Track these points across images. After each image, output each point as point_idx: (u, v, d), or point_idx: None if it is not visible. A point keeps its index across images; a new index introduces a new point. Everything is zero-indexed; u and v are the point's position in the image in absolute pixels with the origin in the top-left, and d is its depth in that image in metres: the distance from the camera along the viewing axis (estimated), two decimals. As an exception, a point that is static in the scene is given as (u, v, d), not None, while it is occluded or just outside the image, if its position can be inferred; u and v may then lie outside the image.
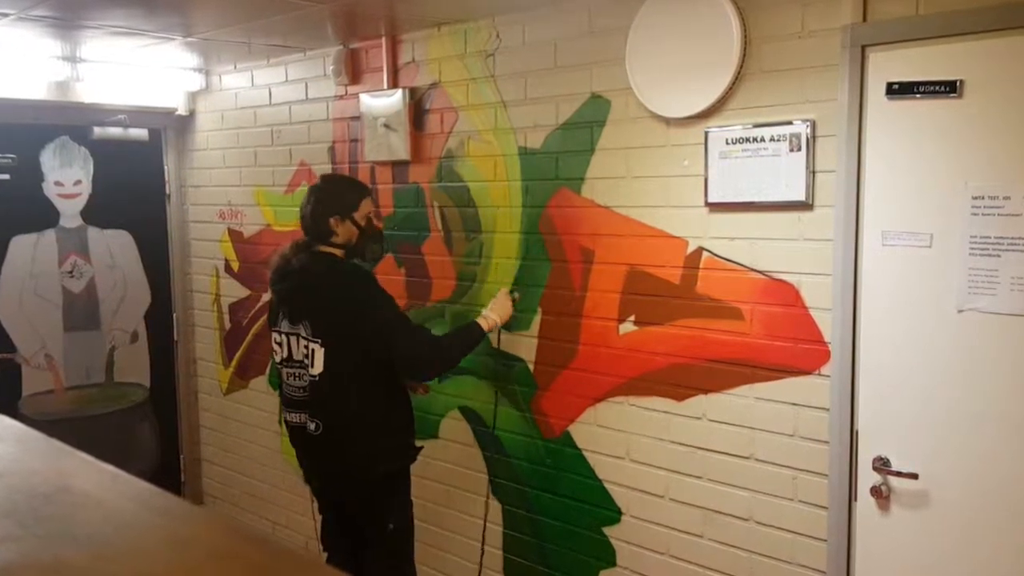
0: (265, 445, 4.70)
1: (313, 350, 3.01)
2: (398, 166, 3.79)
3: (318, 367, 3.00)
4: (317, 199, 3.09)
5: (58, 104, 4.45)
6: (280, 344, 3.13)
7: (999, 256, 2.27)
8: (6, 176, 4.56)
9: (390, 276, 3.85)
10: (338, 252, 3.08)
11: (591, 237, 3.13)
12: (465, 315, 3.57)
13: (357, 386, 3.01)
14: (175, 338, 5.13)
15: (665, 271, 2.92)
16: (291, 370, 3.10)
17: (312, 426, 3.05)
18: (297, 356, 3.08)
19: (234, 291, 4.79)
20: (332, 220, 3.06)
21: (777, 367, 2.69)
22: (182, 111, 4.87)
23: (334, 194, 3.11)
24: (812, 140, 2.55)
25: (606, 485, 3.19)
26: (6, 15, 3.29)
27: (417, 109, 3.68)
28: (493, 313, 3.22)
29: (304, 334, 3.05)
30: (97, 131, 4.72)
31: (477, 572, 3.64)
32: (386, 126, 3.74)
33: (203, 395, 5.14)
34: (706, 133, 2.76)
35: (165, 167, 5.04)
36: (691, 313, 2.87)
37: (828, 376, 2.58)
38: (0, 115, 4.39)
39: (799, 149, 2.57)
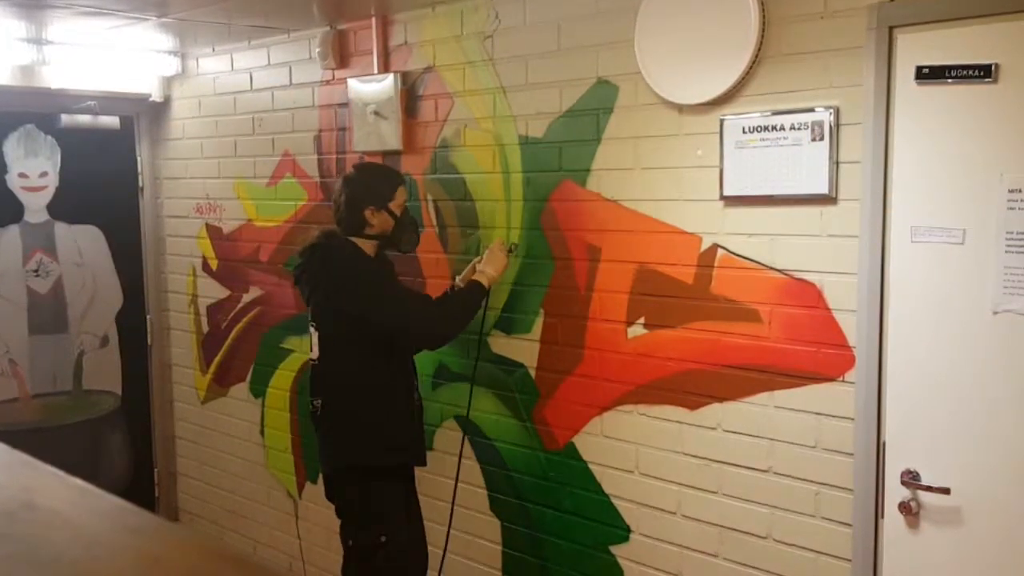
0: (246, 458, 4.70)
1: (312, 334, 3.26)
2: (389, 156, 3.79)
3: (315, 352, 3.25)
4: (351, 189, 3.20)
5: (22, 90, 4.44)
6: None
7: (1037, 253, 2.27)
8: (-34, 167, 4.56)
9: (380, 275, 3.85)
10: (370, 244, 3.21)
11: (597, 233, 3.13)
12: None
13: (349, 374, 3.19)
14: (148, 342, 5.13)
15: (677, 270, 2.92)
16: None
17: (317, 404, 3.26)
18: (311, 339, 3.32)
19: (212, 291, 4.79)
20: (368, 211, 3.17)
21: (798, 373, 2.69)
22: (156, 97, 4.87)
23: (369, 184, 3.23)
24: (836, 128, 2.55)
25: (613, 500, 3.19)
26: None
27: (409, 95, 3.68)
28: (489, 268, 3.24)
29: (309, 318, 3.31)
30: (65, 119, 4.72)
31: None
32: (376, 113, 3.74)
33: (179, 404, 5.14)
34: (721, 121, 2.76)
35: (138, 158, 5.04)
36: (705, 315, 2.87)
37: (853, 383, 2.58)
38: (-40, 102, 4.40)
39: (822, 138, 2.57)
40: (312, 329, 3.26)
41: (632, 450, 3.12)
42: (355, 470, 3.22)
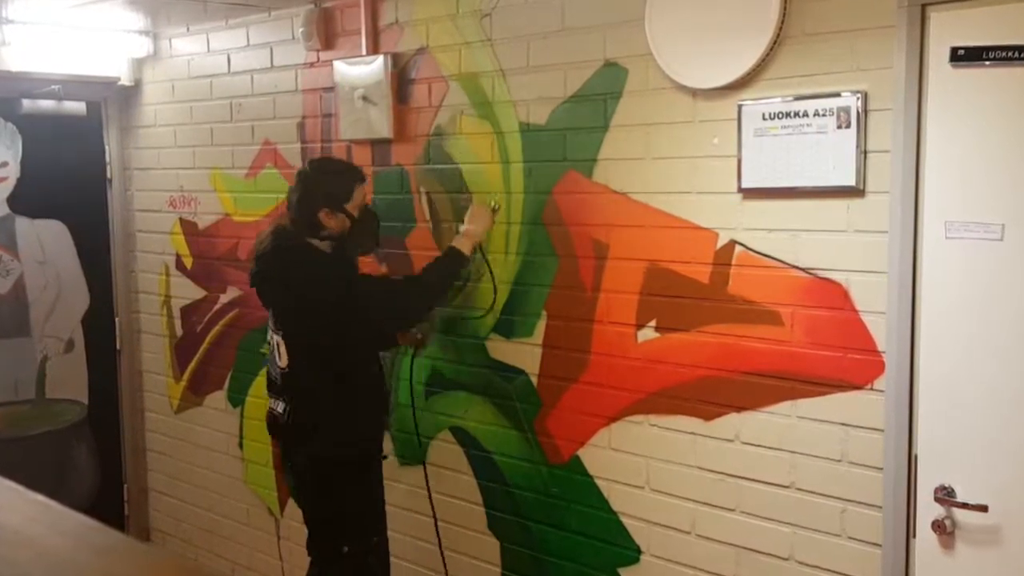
0: (223, 472, 4.70)
1: (278, 342, 3.32)
2: (378, 145, 3.80)
3: (284, 359, 3.29)
4: (305, 189, 3.24)
5: (-20, 73, 4.45)
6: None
7: (1083, 251, 2.27)
8: (-80, 157, 4.57)
9: (369, 274, 3.85)
10: (325, 244, 3.24)
11: (604, 228, 3.13)
12: (457, 319, 3.58)
13: (321, 376, 3.27)
14: (117, 347, 5.13)
15: (691, 268, 2.92)
16: (270, 358, 3.42)
17: (280, 409, 3.34)
18: (271, 346, 3.39)
19: (187, 292, 4.79)
20: (322, 213, 3.21)
21: (822, 381, 2.69)
22: (126, 81, 4.87)
23: (324, 183, 3.25)
24: (863, 115, 2.55)
25: (622, 519, 3.19)
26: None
27: (401, 79, 3.68)
28: (473, 225, 3.30)
29: (271, 324, 3.37)
30: (26, 104, 4.72)
31: None
32: (364, 99, 3.74)
33: (150, 414, 5.14)
34: (739, 107, 2.76)
35: (106, 146, 5.04)
36: (722, 317, 2.87)
37: (882, 391, 2.58)
38: (-87, 86, 4.41)
39: (848, 125, 2.57)
40: (276, 336, 3.31)
41: (642, 464, 3.12)
42: (341, 466, 3.31)
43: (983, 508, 2.45)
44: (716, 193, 2.85)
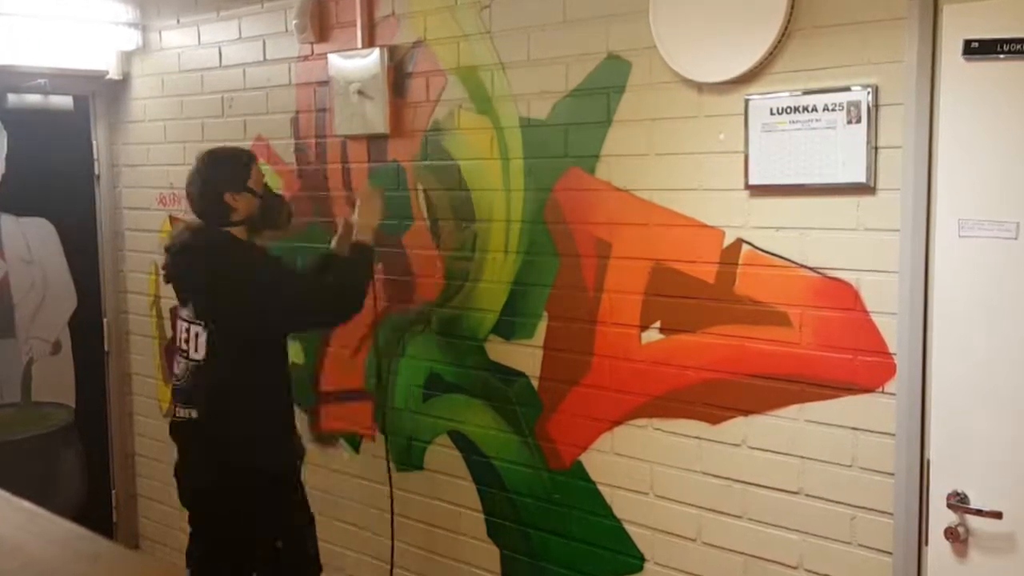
0: (214, 477, 4.69)
1: (196, 333, 3.34)
2: (375, 141, 3.79)
3: (200, 353, 3.32)
4: (204, 178, 3.33)
5: (-36, 66, 4.45)
6: (176, 327, 3.49)
7: (1100, 249, 2.27)
8: (-98, 153, 4.56)
9: (365, 274, 3.85)
10: (240, 231, 3.33)
11: (607, 227, 3.13)
12: (455, 320, 3.58)
13: (240, 372, 3.30)
14: (106, 349, 5.13)
15: (697, 268, 2.92)
16: (179, 357, 3.43)
17: (191, 414, 3.35)
18: (180, 341, 3.41)
19: (177, 292, 4.78)
20: (227, 196, 3.30)
21: (832, 383, 2.69)
22: (114, 75, 4.87)
23: (221, 168, 3.35)
24: (874, 110, 2.55)
25: (625, 526, 3.20)
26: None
27: (398, 72, 3.68)
28: (363, 218, 3.39)
29: (186, 316, 3.40)
30: (11, 99, 4.71)
31: None
32: (360, 93, 3.74)
33: (139, 417, 5.14)
34: (746, 101, 2.76)
35: (93, 142, 5.04)
36: (728, 318, 2.87)
37: (894, 394, 2.58)
38: None
39: (859, 120, 2.57)
40: (192, 327, 3.33)
41: (646, 469, 3.11)
42: (261, 473, 3.33)
43: (997, 515, 2.45)
44: (722, 190, 2.85)
